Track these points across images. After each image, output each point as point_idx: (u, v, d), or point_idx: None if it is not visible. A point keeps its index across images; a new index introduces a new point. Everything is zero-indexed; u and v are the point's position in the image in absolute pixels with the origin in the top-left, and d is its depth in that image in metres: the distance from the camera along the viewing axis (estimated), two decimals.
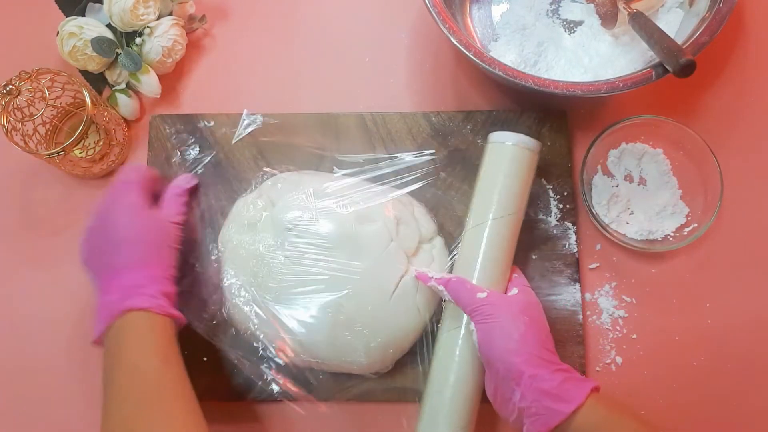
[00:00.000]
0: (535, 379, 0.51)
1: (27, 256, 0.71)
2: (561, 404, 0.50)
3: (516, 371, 0.52)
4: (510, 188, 0.62)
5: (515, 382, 0.52)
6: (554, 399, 0.50)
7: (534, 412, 0.51)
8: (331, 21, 0.78)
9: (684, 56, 0.58)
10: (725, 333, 0.66)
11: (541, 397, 0.51)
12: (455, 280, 0.58)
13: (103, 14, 0.71)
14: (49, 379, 0.67)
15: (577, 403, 0.50)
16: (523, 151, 0.62)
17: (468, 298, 0.56)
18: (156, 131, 0.72)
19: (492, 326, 0.54)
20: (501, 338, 0.53)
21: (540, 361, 0.52)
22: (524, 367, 0.52)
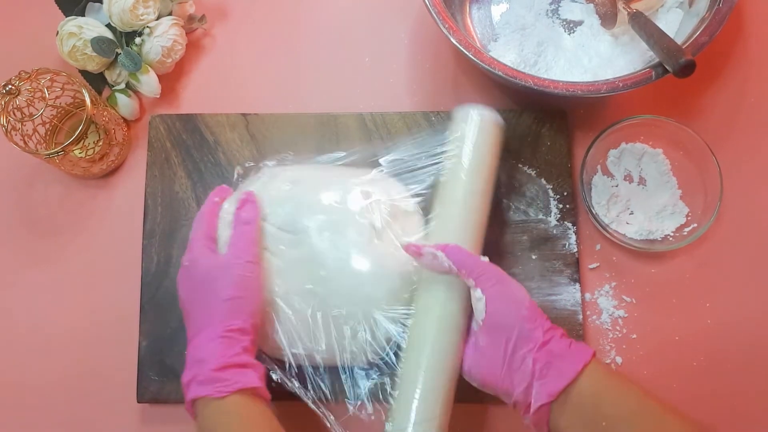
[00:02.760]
0: (548, 343, 0.52)
1: (27, 256, 0.71)
2: (568, 364, 0.51)
3: (533, 336, 0.52)
4: (479, 159, 0.62)
5: (530, 347, 0.52)
6: (563, 360, 0.51)
7: (544, 374, 0.51)
8: (331, 21, 0.78)
9: (684, 56, 0.58)
10: (725, 333, 0.66)
11: (552, 359, 0.51)
12: (452, 245, 0.57)
13: (102, 14, 0.71)
14: (49, 380, 0.67)
15: (583, 362, 0.51)
16: (488, 122, 0.63)
17: (472, 262, 0.55)
18: (156, 131, 0.72)
19: (502, 291, 0.54)
20: (514, 303, 0.53)
21: (549, 327, 0.53)
22: (540, 332, 0.52)
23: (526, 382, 0.51)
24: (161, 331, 0.66)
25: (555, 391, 0.50)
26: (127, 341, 0.66)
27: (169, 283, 0.67)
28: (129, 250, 0.69)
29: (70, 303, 0.69)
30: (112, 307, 0.68)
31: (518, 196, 0.69)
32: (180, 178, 0.70)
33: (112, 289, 0.69)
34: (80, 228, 0.71)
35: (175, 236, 0.68)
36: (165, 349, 0.65)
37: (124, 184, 0.73)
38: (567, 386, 0.50)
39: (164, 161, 0.71)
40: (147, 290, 0.67)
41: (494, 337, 0.53)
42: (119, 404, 0.66)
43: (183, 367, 0.64)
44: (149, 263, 0.68)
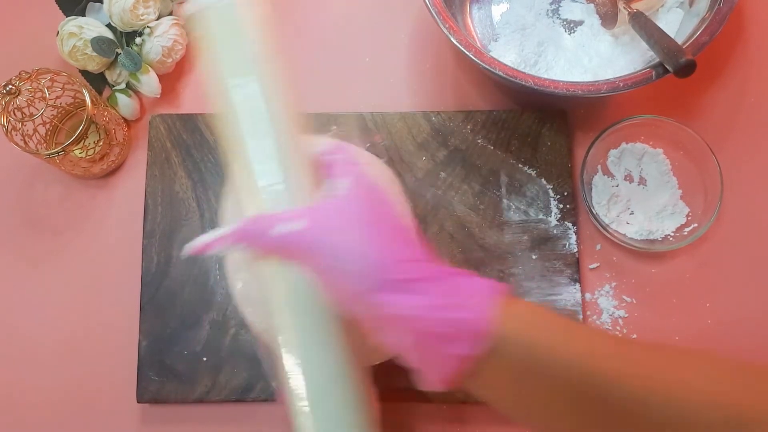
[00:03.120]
0: (416, 320, 0.36)
1: (27, 256, 0.71)
2: (454, 345, 0.35)
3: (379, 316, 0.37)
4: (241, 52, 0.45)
5: (384, 329, 0.37)
6: (442, 338, 0.35)
7: (427, 361, 0.37)
8: (331, 21, 0.78)
9: (684, 56, 0.58)
10: (725, 333, 0.66)
11: (428, 340, 0.36)
12: (248, 221, 0.40)
13: (103, 14, 0.71)
14: (49, 379, 0.67)
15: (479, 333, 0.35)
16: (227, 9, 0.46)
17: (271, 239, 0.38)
18: (156, 131, 0.72)
19: (321, 259, 0.37)
20: (345, 278, 0.37)
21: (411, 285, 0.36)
22: (391, 307, 0.36)
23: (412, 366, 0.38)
24: (161, 331, 0.66)
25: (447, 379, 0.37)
26: (127, 341, 0.66)
27: (169, 283, 0.67)
28: (129, 250, 0.69)
29: (70, 303, 0.69)
30: (112, 307, 0.68)
31: (518, 196, 0.69)
32: (180, 178, 0.70)
33: (112, 289, 0.69)
34: (80, 228, 0.71)
35: (175, 236, 0.68)
36: (165, 349, 0.65)
37: (124, 184, 0.73)
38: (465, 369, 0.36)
39: (164, 161, 0.71)
40: (147, 290, 0.67)
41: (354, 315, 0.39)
42: (119, 404, 0.66)
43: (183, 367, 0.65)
44: (149, 263, 0.68)
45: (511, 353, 0.35)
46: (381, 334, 0.38)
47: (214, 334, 0.66)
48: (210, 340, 0.65)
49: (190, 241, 0.43)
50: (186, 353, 0.65)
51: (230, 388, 0.64)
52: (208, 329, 0.66)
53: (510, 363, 0.35)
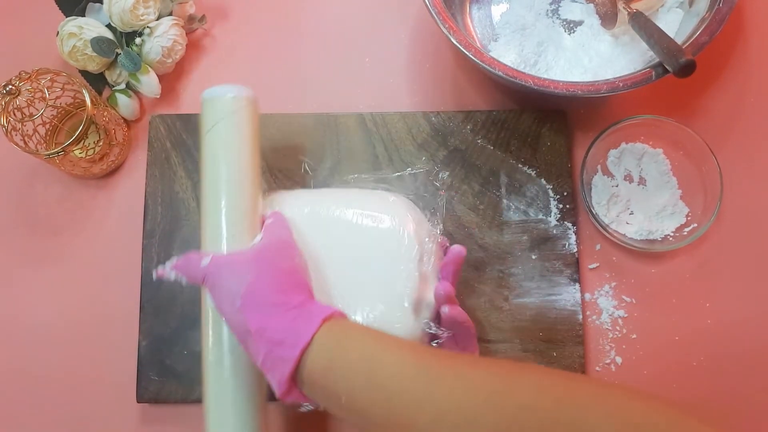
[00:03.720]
0: (266, 331, 0.46)
1: (27, 256, 0.71)
2: (287, 349, 0.45)
3: (247, 329, 0.47)
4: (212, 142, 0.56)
5: (250, 340, 0.47)
6: (280, 345, 0.45)
7: (268, 366, 0.46)
8: (331, 21, 0.78)
9: (684, 56, 0.58)
10: (725, 333, 0.66)
11: (271, 347, 0.46)
12: (182, 258, 0.52)
13: (103, 14, 0.71)
14: (49, 379, 0.67)
15: (302, 343, 0.45)
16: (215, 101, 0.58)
17: (194, 271, 0.50)
18: (156, 131, 0.72)
19: (215, 290, 0.49)
20: (226, 300, 0.48)
21: (271, 309, 0.47)
22: (251, 323, 0.46)
23: (264, 373, 0.47)
24: (161, 331, 0.66)
25: (280, 381, 0.46)
26: (127, 341, 0.66)
27: (169, 283, 0.66)
28: (129, 250, 0.69)
29: (69, 303, 0.69)
30: (112, 307, 0.68)
31: (518, 196, 0.69)
32: (180, 178, 0.70)
33: (112, 289, 0.69)
34: (80, 228, 0.71)
35: (175, 236, 0.68)
36: (165, 349, 0.65)
37: (124, 184, 0.73)
38: (292, 373, 0.45)
39: (164, 161, 0.71)
40: (147, 290, 0.67)
41: (235, 335, 0.49)
42: (119, 404, 0.66)
43: (183, 367, 0.65)
44: (149, 263, 0.68)
45: (318, 356, 0.45)
46: (246, 345, 0.48)
47: None
48: None
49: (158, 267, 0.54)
50: (186, 353, 0.65)
51: None
52: None
53: (317, 364, 0.45)
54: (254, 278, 0.48)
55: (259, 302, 0.47)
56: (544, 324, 0.65)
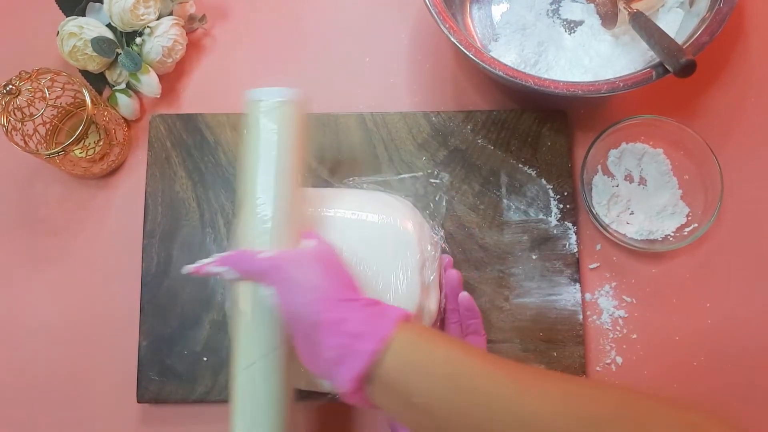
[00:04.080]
0: (339, 323, 0.46)
1: (27, 256, 0.71)
2: (363, 342, 0.45)
3: (321, 320, 0.47)
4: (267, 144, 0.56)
5: (323, 332, 0.46)
6: (356, 338, 0.45)
7: (341, 360, 0.45)
8: (331, 21, 0.78)
9: (684, 56, 0.58)
10: (725, 333, 0.66)
11: (347, 341, 0.45)
12: (233, 252, 0.52)
13: (103, 14, 0.71)
14: (49, 379, 0.67)
15: (382, 337, 0.44)
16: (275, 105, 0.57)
17: (253, 264, 0.50)
18: (156, 131, 0.72)
19: (285, 283, 0.49)
20: (298, 293, 0.48)
21: (343, 304, 0.47)
22: (325, 314, 0.47)
23: (328, 368, 0.47)
24: (161, 331, 0.66)
25: (354, 376, 0.45)
26: (127, 341, 0.66)
27: (169, 283, 0.67)
28: (129, 250, 0.69)
29: (70, 303, 0.69)
30: (112, 307, 0.68)
31: (518, 196, 0.69)
32: (180, 178, 0.70)
33: (112, 289, 0.69)
34: (80, 228, 0.71)
35: (176, 236, 0.68)
36: (165, 349, 0.65)
37: (124, 184, 0.73)
38: (368, 367, 0.44)
39: (164, 161, 0.71)
40: (147, 290, 0.67)
41: (295, 330, 0.49)
42: (119, 404, 0.66)
43: (183, 367, 0.65)
44: (149, 263, 0.68)
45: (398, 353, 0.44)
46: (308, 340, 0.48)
47: (214, 334, 0.66)
48: (210, 340, 0.66)
49: (191, 264, 0.53)
50: (186, 353, 0.65)
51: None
52: (208, 329, 0.66)
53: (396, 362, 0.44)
54: (325, 273, 0.49)
55: (332, 296, 0.48)
56: (545, 324, 0.65)
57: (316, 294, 0.48)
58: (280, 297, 0.49)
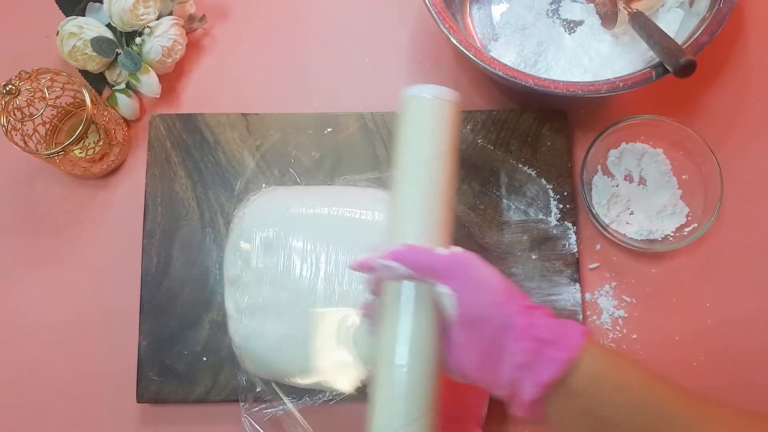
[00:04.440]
0: (531, 328, 0.45)
1: (27, 256, 0.71)
2: (558, 351, 0.44)
3: (509, 324, 0.45)
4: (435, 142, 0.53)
5: (513, 335, 0.45)
6: (552, 345, 0.44)
7: (533, 364, 0.44)
8: (331, 21, 0.78)
9: (684, 56, 0.58)
10: (725, 333, 0.66)
11: (539, 346, 0.44)
12: (404, 247, 0.49)
13: (103, 14, 0.71)
14: (49, 379, 0.67)
15: (576, 347, 0.44)
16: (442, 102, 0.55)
17: (429, 259, 0.48)
18: (156, 131, 0.72)
19: (471, 281, 0.47)
20: (485, 292, 0.46)
21: (531, 310, 0.46)
22: (518, 318, 0.45)
23: (513, 374, 0.45)
24: (161, 331, 0.66)
25: (545, 382, 0.44)
26: (127, 341, 0.66)
27: (169, 283, 0.67)
28: (129, 250, 0.69)
29: (70, 303, 0.69)
30: (112, 307, 0.68)
31: (518, 196, 0.69)
32: (180, 178, 0.70)
33: (112, 289, 0.69)
34: (80, 228, 0.71)
35: (175, 236, 0.68)
36: (165, 349, 0.65)
37: (124, 184, 0.73)
38: (560, 375, 0.44)
39: (164, 161, 0.71)
40: (147, 290, 0.67)
41: (471, 331, 0.47)
42: (119, 404, 0.66)
43: (183, 367, 0.65)
44: (149, 263, 0.68)
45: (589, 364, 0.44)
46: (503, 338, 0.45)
47: (214, 334, 0.66)
48: (210, 340, 0.66)
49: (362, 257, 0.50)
50: (186, 353, 0.65)
51: (230, 388, 0.64)
52: (208, 329, 0.66)
53: (587, 373, 0.44)
54: (504, 278, 0.48)
55: (519, 301, 0.46)
56: None
57: (505, 296, 0.46)
58: (463, 296, 0.46)
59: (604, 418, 0.43)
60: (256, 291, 0.60)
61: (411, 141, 0.54)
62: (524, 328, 0.45)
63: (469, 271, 0.47)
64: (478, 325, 0.46)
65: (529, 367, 0.44)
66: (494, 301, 0.46)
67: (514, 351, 0.45)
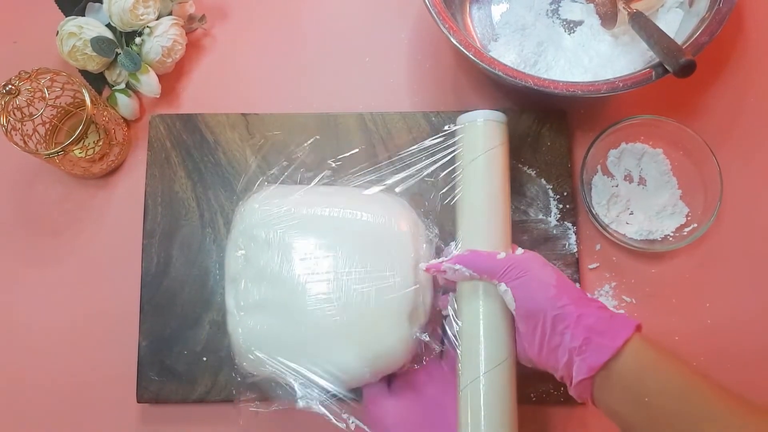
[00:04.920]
0: (583, 317, 0.51)
1: (27, 256, 0.71)
2: (609, 339, 0.50)
3: (565, 314, 0.52)
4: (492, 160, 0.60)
5: (565, 324, 0.52)
6: (602, 335, 0.50)
7: (583, 349, 0.51)
8: (331, 21, 0.78)
9: (684, 56, 0.58)
10: (725, 333, 0.66)
11: (590, 334, 0.50)
12: (468, 252, 0.57)
13: (102, 14, 0.71)
14: (49, 379, 0.67)
15: (624, 338, 0.50)
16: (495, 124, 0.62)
17: (490, 263, 0.56)
18: (156, 131, 0.72)
19: (527, 280, 0.54)
20: (540, 288, 0.53)
21: (583, 301, 0.52)
22: (572, 308, 0.52)
23: (567, 357, 0.51)
24: (161, 331, 0.66)
25: (595, 366, 0.50)
26: (127, 341, 0.66)
27: (169, 282, 0.67)
28: (129, 250, 0.69)
29: (70, 303, 0.69)
30: (112, 307, 0.68)
31: (518, 196, 0.69)
32: (180, 178, 0.70)
33: (112, 289, 0.69)
34: (80, 228, 0.71)
35: (175, 236, 0.68)
36: (165, 349, 0.65)
37: (124, 184, 0.73)
38: (608, 361, 0.49)
39: (164, 161, 0.71)
40: (147, 290, 0.67)
41: (529, 322, 0.54)
42: (119, 404, 0.66)
43: (183, 367, 0.65)
44: (149, 263, 0.68)
45: (634, 355, 0.49)
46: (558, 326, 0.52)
47: (214, 334, 0.66)
48: (210, 340, 0.66)
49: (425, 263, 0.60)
50: (186, 353, 0.65)
51: (230, 388, 0.64)
52: (208, 329, 0.66)
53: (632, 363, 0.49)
54: (558, 275, 0.54)
55: (571, 294, 0.53)
56: None
57: (557, 290, 0.53)
58: (520, 292, 0.54)
59: (646, 404, 0.48)
60: (256, 289, 0.60)
61: (469, 161, 0.61)
62: (577, 318, 0.51)
63: (523, 272, 0.54)
64: (533, 317, 0.53)
65: (581, 352, 0.50)
66: (546, 296, 0.53)
67: (568, 338, 0.51)
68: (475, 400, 0.54)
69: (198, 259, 0.68)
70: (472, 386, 0.55)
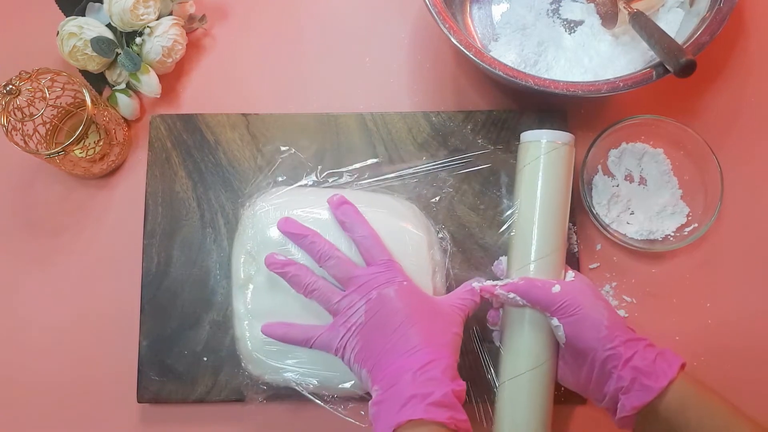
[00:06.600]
0: (629, 360, 0.53)
1: (27, 256, 0.71)
2: (654, 380, 0.52)
3: (615, 357, 0.54)
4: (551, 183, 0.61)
5: (613, 365, 0.54)
6: (648, 376, 0.52)
7: (629, 389, 0.53)
8: (331, 21, 0.78)
9: (684, 56, 0.58)
10: (725, 333, 0.66)
11: (636, 375, 0.53)
12: (522, 282, 0.58)
13: (103, 14, 0.71)
14: (49, 379, 0.67)
15: (669, 378, 0.52)
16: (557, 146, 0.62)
17: (545, 297, 0.57)
18: (156, 131, 0.72)
19: (578, 319, 0.55)
20: (592, 329, 0.55)
21: (630, 342, 0.54)
22: (622, 349, 0.54)
23: (612, 393, 0.54)
24: (161, 331, 0.66)
25: (639, 405, 0.52)
26: (127, 341, 0.66)
27: (170, 282, 0.67)
28: (129, 250, 0.69)
29: (70, 303, 0.69)
30: (112, 307, 0.68)
31: None
32: (180, 178, 0.70)
33: (112, 289, 0.69)
34: (80, 228, 0.71)
35: (176, 236, 0.68)
36: (165, 349, 0.65)
37: (124, 184, 0.73)
38: (652, 400, 0.52)
39: (165, 161, 0.71)
40: (147, 290, 0.67)
41: (577, 358, 0.56)
42: (119, 404, 0.66)
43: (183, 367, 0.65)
44: (149, 263, 0.68)
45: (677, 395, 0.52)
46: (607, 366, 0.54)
47: (214, 334, 0.66)
48: (210, 340, 0.66)
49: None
50: (186, 353, 0.65)
51: (230, 388, 0.64)
52: (208, 329, 0.66)
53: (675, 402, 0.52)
54: (608, 312, 0.55)
55: (622, 334, 0.54)
56: None
57: (609, 331, 0.54)
58: (572, 330, 0.55)
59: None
60: (268, 295, 0.60)
61: (529, 183, 0.62)
62: (625, 360, 0.53)
63: (576, 309, 0.55)
64: (583, 355, 0.55)
65: (627, 391, 0.53)
66: (597, 337, 0.54)
67: (615, 378, 0.53)
68: (516, 396, 0.58)
69: (198, 259, 0.68)
70: (512, 382, 0.58)
